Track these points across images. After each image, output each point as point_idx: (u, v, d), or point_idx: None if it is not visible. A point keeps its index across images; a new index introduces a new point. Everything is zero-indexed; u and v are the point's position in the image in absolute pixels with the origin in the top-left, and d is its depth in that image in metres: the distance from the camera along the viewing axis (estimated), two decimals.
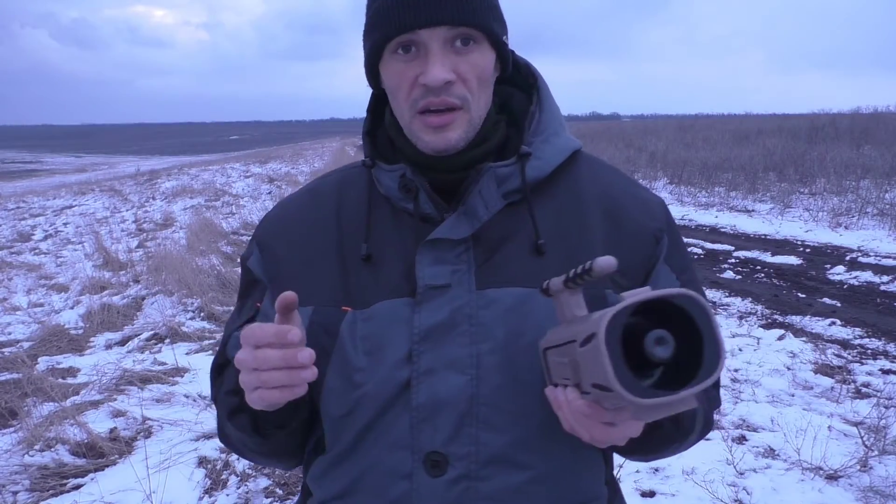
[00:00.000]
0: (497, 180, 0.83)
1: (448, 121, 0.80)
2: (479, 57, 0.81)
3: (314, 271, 0.87)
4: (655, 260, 0.88)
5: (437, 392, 0.80)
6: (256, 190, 16.25)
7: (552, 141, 0.88)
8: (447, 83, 0.78)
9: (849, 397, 3.93)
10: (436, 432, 0.80)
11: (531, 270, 0.83)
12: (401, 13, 0.78)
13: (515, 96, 0.92)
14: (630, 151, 19.65)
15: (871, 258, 7.40)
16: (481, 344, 0.81)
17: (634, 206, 0.89)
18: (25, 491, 3.03)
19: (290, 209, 0.95)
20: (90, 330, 5.46)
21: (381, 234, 0.86)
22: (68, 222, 12.64)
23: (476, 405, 0.80)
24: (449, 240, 0.82)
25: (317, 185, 0.97)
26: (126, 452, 3.34)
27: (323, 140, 62.42)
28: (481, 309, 0.81)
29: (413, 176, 0.84)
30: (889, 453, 3.22)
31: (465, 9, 0.78)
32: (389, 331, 0.82)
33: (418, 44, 0.79)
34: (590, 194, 0.88)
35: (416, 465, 0.81)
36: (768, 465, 3.21)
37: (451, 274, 0.82)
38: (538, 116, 0.89)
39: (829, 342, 4.87)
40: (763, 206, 11.36)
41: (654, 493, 2.98)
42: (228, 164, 27.28)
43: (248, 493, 3.01)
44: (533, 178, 0.85)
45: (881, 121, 21.35)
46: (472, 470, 0.81)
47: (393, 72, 0.81)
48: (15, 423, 3.70)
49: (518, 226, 0.85)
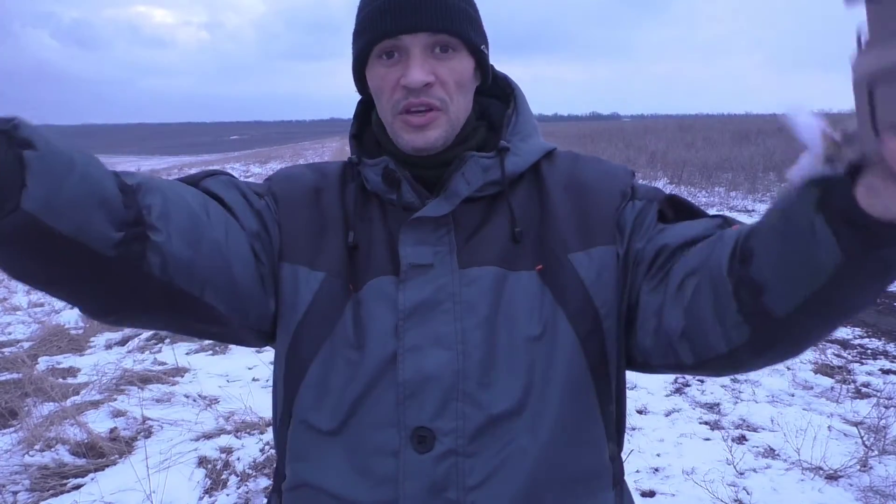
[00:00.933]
0: (481, 168, 0.88)
1: (428, 120, 0.85)
2: (458, 63, 0.86)
3: (327, 239, 0.90)
4: (626, 203, 0.89)
5: (422, 368, 0.82)
6: None
7: (528, 140, 0.93)
8: (426, 85, 0.84)
9: (849, 397, 3.93)
10: (422, 408, 0.82)
11: (509, 254, 0.86)
12: (385, 20, 0.84)
13: (494, 105, 0.98)
14: (630, 151, 19.66)
15: None
16: (466, 320, 0.83)
17: (597, 176, 0.93)
18: (25, 491, 3.03)
19: (303, 177, 0.97)
20: (90, 330, 5.46)
21: (369, 227, 0.90)
22: None
23: (462, 379, 0.82)
24: (431, 220, 0.85)
25: (322, 167, 1.00)
26: (126, 452, 3.34)
27: (323, 140, 62.45)
28: (464, 286, 0.84)
29: (395, 167, 0.88)
30: (889, 453, 3.22)
31: (444, 18, 0.84)
32: (376, 307, 0.85)
33: (401, 49, 0.84)
34: (553, 179, 0.92)
35: (403, 442, 0.82)
36: (768, 465, 3.21)
37: (434, 255, 0.85)
38: (514, 119, 0.95)
39: (829, 342, 4.87)
40: (763, 206, 11.36)
41: (654, 492, 2.98)
42: (228, 164, 27.28)
43: (248, 493, 3.01)
44: (511, 172, 0.90)
45: None
46: (460, 445, 0.82)
47: (377, 75, 0.87)
48: (15, 423, 3.70)
49: (496, 216, 0.89)
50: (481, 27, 0.91)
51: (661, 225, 0.87)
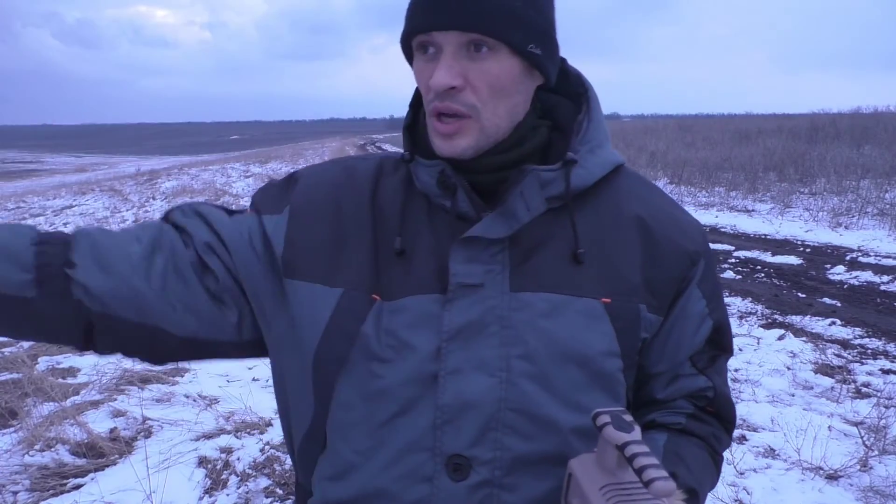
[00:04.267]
0: (540, 184, 0.81)
1: (455, 129, 0.80)
2: (494, 65, 0.78)
3: (346, 254, 0.85)
4: (688, 282, 0.88)
5: (463, 393, 0.78)
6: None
7: (597, 152, 0.86)
8: (452, 89, 0.78)
9: (849, 397, 3.93)
10: (459, 434, 0.78)
11: (568, 278, 0.82)
12: (418, 14, 0.79)
13: (562, 104, 0.90)
14: (630, 151, 19.64)
15: (871, 258, 7.40)
16: (511, 347, 0.79)
17: (674, 227, 0.88)
18: (25, 491, 3.03)
19: (325, 180, 0.91)
20: None
21: (415, 229, 0.84)
22: (68, 222, 12.64)
23: (503, 410, 0.78)
24: (484, 239, 0.80)
25: (354, 164, 0.94)
26: (126, 452, 3.34)
27: (323, 140, 62.44)
28: (514, 311, 0.79)
29: (451, 173, 0.82)
30: (889, 453, 3.22)
31: (477, 15, 0.76)
32: (417, 327, 0.80)
33: (435, 45, 0.79)
34: (629, 210, 0.87)
35: (437, 468, 0.79)
36: (768, 465, 3.21)
37: (485, 274, 0.80)
38: (586, 126, 0.87)
39: (829, 342, 4.87)
40: (763, 205, 11.36)
41: None
42: (228, 163, 27.29)
43: (248, 493, 3.01)
44: (576, 187, 0.83)
45: (881, 121, 21.34)
46: (496, 476, 0.79)
47: (416, 69, 0.83)
48: (15, 423, 3.70)
49: (556, 232, 0.83)
50: (532, 22, 0.79)
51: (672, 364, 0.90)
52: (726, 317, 0.93)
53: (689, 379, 0.91)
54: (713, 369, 0.92)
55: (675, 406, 0.91)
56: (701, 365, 0.91)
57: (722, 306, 0.92)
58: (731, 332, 0.94)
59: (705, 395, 0.91)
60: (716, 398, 0.92)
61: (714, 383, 0.91)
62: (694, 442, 0.90)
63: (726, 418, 0.94)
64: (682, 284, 0.87)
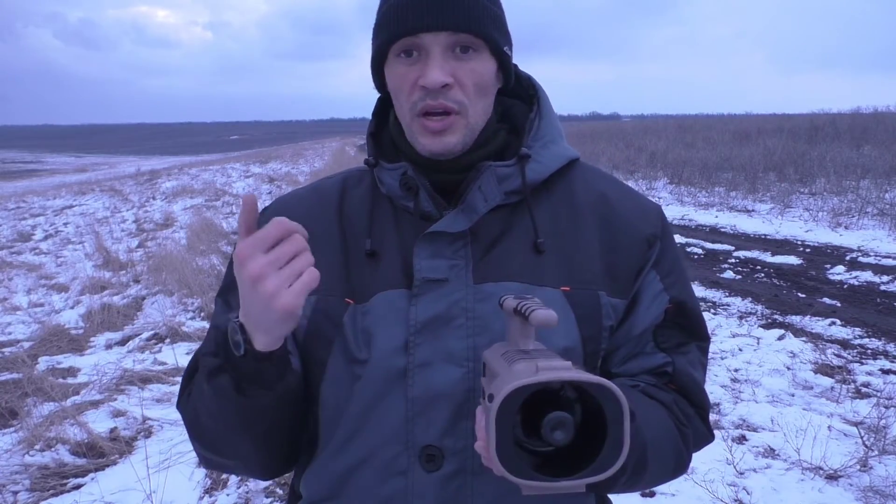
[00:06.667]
0: (497, 178, 0.85)
1: (446, 125, 0.82)
2: (479, 64, 0.83)
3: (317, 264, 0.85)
4: (645, 264, 0.90)
5: (432, 384, 0.80)
6: (257, 190, 16.24)
7: (550, 147, 0.90)
8: (445, 86, 0.81)
9: (849, 397, 3.93)
10: (430, 426, 0.80)
11: (529, 268, 0.84)
12: (406, 17, 0.80)
13: (516, 106, 0.94)
14: (630, 151, 19.65)
15: (871, 258, 7.40)
16: (478, 337, 0.81)
17: (630, 212, 0.91)
18: (26, 491, 3.03)
19: (290, 203, 0.96)
20: (90, 330, 5.46)
21: (382, 232, 0.88)
22: (68, 222, 12.64)
23: (473, 398, 0.80)
24: (447, 234, 0.83)
25: (320, 184, 0.99)
26: (126, 452, 3.34)
27: (323, 140, 62.44)
28: (478, 303, 0.82)
29: (414, 174, 0.85)
30: (889, 453, 3.22)
31: (467, 16, 0.80)
32: (386, 321, 0.82)
33: (420, 47, 0.81)
34: (586, 200, 0.90)
35: (411, 460, 0.81)
36: (768, 464, 3.21)
37: (449, 268, 0.83)
38: (537, 123, 0.91)
39: (829, 342, 4.87)
40: (763, 206, 11.36)
41: (653, 493, 2.98)
42: (229, 163, 27.28)
43: (248, 494, 3.01)
44: (531, 180, 0.87)
45: (881, 121, 21.35)
46: (468, 465, 0.80)
47: (396, 73, 0.84)
48: (15, 423, 3.70)
49: (516, 225, 0.87)
50: (506, 27, 0.87)
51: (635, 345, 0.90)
52: (689, 297, 0.92)
53: (647, 357, 0.90)
54: (678, 351, 0.91)
55: (636, 379, 0.91)
56: (665, 346, 0.91)
57: (681, 285, 0.92)
58: (699, 316, 0.93)
59: (665, 371, 0.90)
60: (676, 375, 0.90)
61: (674, 360, 0.90)
62: (651, 403, 0.87)
63: (696, 403, 0.92)
64: (641, 266, 0.89)
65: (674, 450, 0.87)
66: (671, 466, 0.87)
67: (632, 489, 0.82)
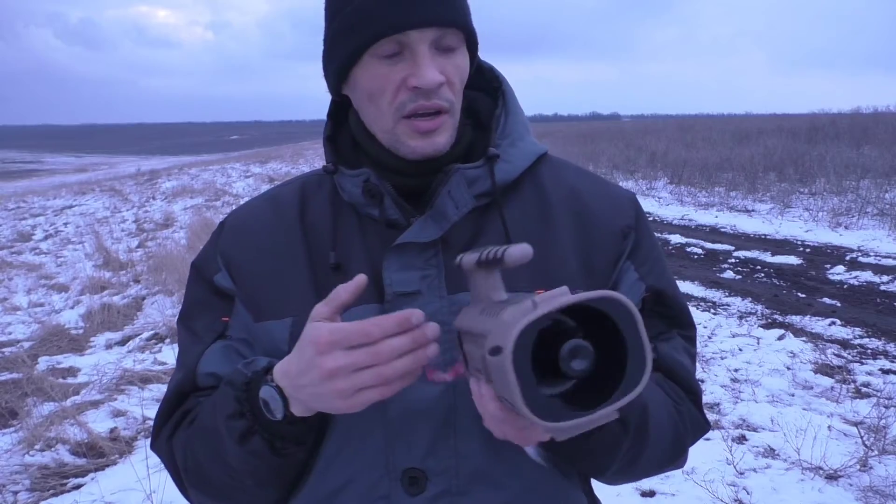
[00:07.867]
0: (467, 182, 0.81)
1: (437, 125, 0.78)
2: (462, 59, 0.79)
3: (286, 282, 0.83)
4: (621, 255, 0.87)
5: (410, 403, 0.77)
6: (257, 190, 16.24)
7: (518, 144, 0.86)
8: (439, 85, 0.76)
9: (849, 397, 3.93)
10: (411, 447, 0.77)
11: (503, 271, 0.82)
12: (390, 13, 0.74)
13: (480, 99, 0.90)
14: (630, 151, 19.64)
15: (870, 258, 7.40)
16: (455, 351, 0.75)
17: (602, 204, 0.88)
18: (26, 491, 3.03)
19: (249, 218, 0.90)
20: (90, 330, 5.47)
21: (347, 242, 0.83)
22: (68, 222, 12.65)
23: (454, 415, 0.77)
24: (417, 244, 0.79)
25: (276, 192, 0.93)
26: (126, 452, 3.35)
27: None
28: (453, 315, 0.76)
29: (377, 181, 0.80)
30: (889, 453, 3.22)
31: (451, 10, 0.76)
32: None
33: (405, 45, 0.75)
34: (557, 196, 0.87)
35: (393, 484, 0.78)
36: (768, 464, 3.21)
37: (421, 280, 0.79)
38: (504, 120, 0.87)
39: (829, 342, 4.87)
40: (763, 206, 11.36)
41: (654, 492, 2.98)
42: (229, 163, 27.27)
43: None
44: (502, 181, 0.83)
45: (881, 121, 21.34)
46: (454, 485, 0.78)
47: (375, 75, 0.77)
48: (15, 423, 3.70)
49: (487, 229, 0.83)
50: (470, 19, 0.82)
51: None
52: (668, 285, 0.89)
53: None
54: (660, 339, 0.88)
55: None
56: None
57: (658, 273, 0.89)
58: (680, 304, 0.90)
59: None
60: (660, 359, 0.87)
61: (657, 346, 0.87)
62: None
63: (686, 387, 0.89)
64: (616, 258, 0.87)
65: (670, 420, 0.84)
66: (670, 440, 0.84)
67: (632, 468, 0.80)
